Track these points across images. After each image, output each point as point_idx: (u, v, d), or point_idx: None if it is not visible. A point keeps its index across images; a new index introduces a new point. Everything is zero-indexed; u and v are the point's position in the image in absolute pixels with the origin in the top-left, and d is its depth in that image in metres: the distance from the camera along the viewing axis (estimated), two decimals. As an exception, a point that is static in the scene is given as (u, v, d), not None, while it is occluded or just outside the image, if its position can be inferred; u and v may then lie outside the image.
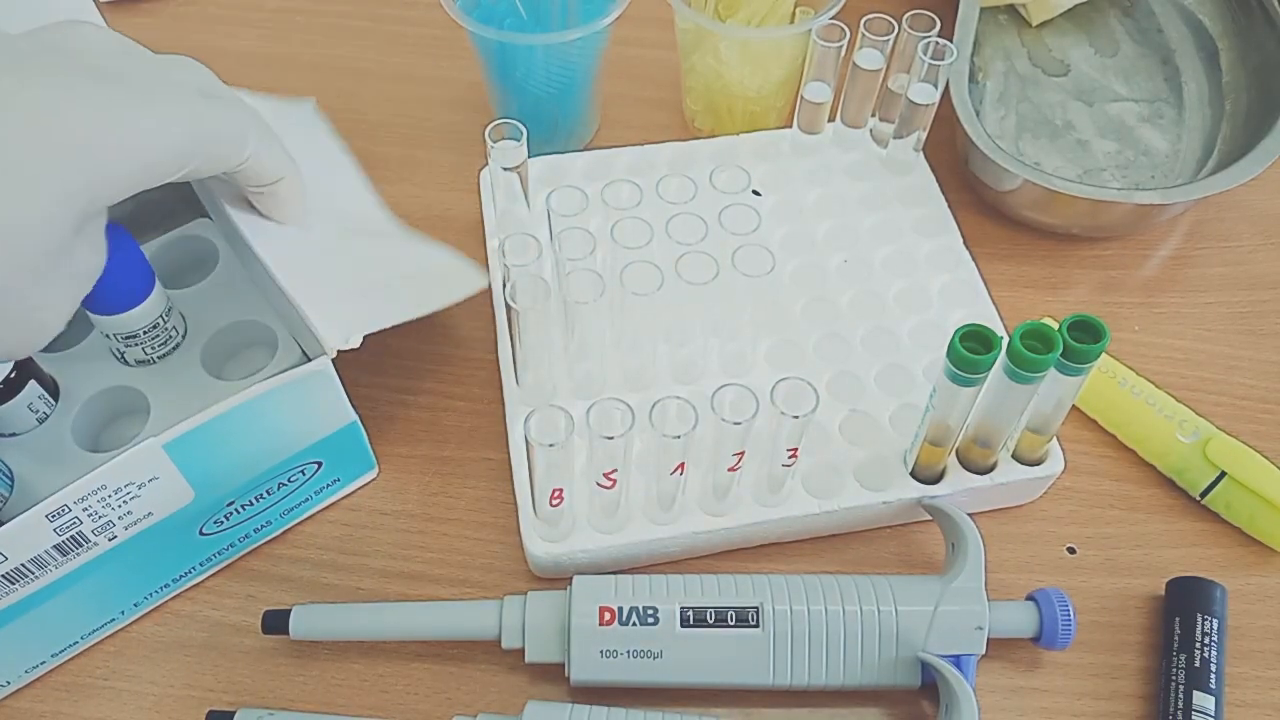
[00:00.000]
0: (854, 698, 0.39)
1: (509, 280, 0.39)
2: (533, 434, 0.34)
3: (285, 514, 0.43)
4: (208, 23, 0.64)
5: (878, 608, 0.38)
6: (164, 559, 0.39)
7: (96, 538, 0.35)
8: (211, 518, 0.39)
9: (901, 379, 0.45)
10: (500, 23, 0.53)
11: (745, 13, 0.54)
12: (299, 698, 0.39)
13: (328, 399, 0.39)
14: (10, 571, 0.34)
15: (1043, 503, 0.45)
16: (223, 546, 0.41)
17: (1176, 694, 0.38)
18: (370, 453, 0.44)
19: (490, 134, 0.44)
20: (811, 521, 0.42)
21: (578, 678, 0.37)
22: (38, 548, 0.34)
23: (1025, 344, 0.35)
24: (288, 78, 0.61)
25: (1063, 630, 0.38)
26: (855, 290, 0.48)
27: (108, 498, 0.34)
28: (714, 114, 0.56)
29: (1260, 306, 0.51)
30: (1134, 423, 0.45)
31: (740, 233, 0.42)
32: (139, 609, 0.41)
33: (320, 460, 0.41)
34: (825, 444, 0.43)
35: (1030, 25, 0.62)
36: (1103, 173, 0.55)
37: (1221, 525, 0.44)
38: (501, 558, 0.43)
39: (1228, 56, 0.58)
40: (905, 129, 0.50)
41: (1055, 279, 0.52)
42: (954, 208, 0.51)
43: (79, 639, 0.39)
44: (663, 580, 0.39)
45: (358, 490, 0.45)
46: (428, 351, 0.49)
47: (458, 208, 0.55)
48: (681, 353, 0.44)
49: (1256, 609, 0.42)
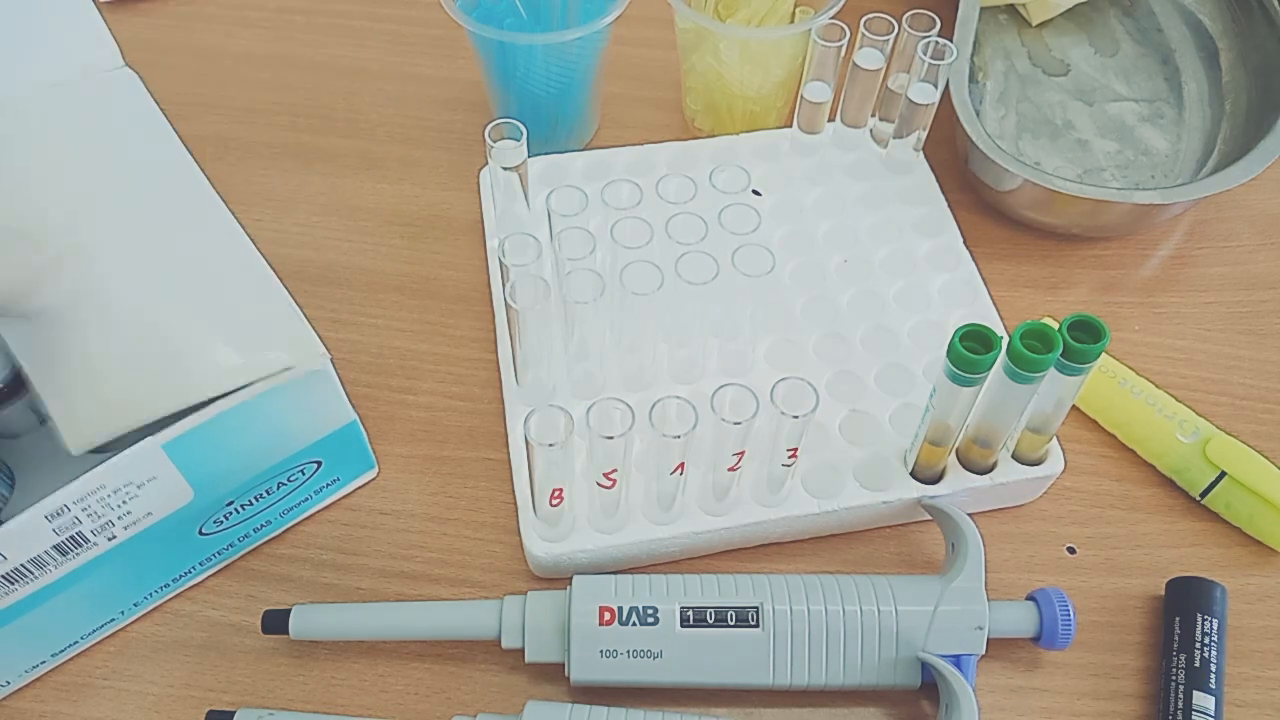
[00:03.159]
0: (854, 698, 0.39)
1: (509, 280, 0.39)
2: (533, 434, 0.34)
3: (285, 513, 0.43)
4: (207, 23, 0.64)
5: (878, 608, 0.38)
6: (163, 559, 0.39)
7: (96, 538, 0.35)
8: (211, 517, 0.39)
9: (901, 379, 0.45)
10: (500, 23, 0.53)
11: (745, 13, 0.54)
12: (299, 698, 0.39)
13: (327, 398, 0.39)
14: (10, 572, 0.34)
15: (1043, 503, 0.45)
16: (222, 546, 0.41)
17: (1176, 694, 0.38)
18: (370, 452, 0.44)
19: (490, 134, 0.44)
20: (811, 521, 0.42)
21: (578, 678, 0.37)
22: (37, 548, 0.34)
23: (1025, 344, 0.35)
24: (288, 78, 0.61)
25: (1063, 630, 0.38)
26: (855, 290, 0.48)
27: (107, 498, 0.34)
28: (714, 114, 0.56)
29: (1260, 306, 0.51)
30: (1134, 423, 0.45)
31: (740, 233, 0.42)
32: (139, 609, 0.41)
33: (320, 460, 0.41)
34: (825, 444, 0.43)
35: (1030, 25, 0.62)
36: (1103, 173, 0.55)
37: (1221, 525, 0.44)
38: (501, 558, 0.43)
39: (1228, 56, 0.58)
40: (905, 129, 0.50)
41: (1055, 279, 0.52)
42: (954, 207, 0.51)
43: (79, 639, 0.39)
44: (663, 580, 0.39)
45: (357, 490, 0.45)
46: (428, 351, 0.49)
47: (457, 207, 0.55)
48: (681, 353, 0.44)
49: (1256, 609, 0.42)
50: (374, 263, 0.52)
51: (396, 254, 0.53)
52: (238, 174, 0.43)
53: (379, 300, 0.51)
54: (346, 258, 0.53)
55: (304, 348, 0.37)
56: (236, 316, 0.37)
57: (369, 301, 0.51)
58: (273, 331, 0.37)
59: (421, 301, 0.51)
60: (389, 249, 0.53)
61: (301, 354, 0.36)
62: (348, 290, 0.51)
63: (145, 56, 0.46)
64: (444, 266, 0.52)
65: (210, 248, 0.39)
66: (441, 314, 0.51)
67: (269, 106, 0.59)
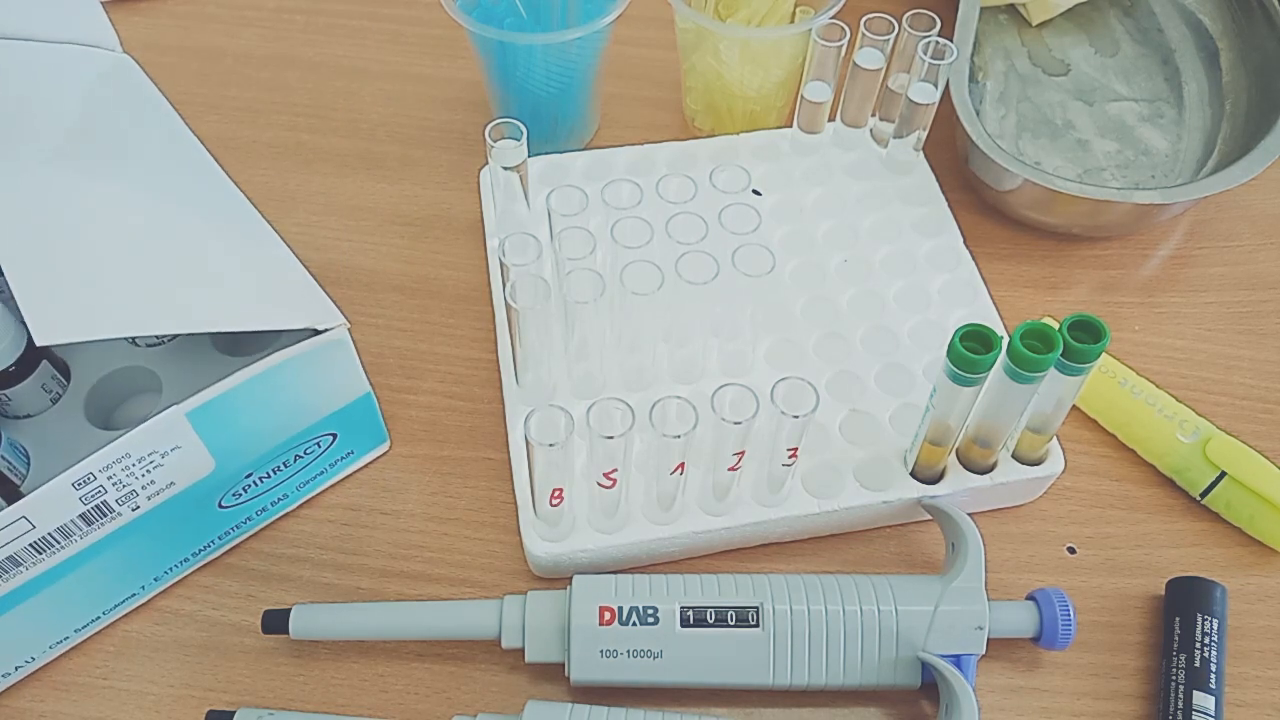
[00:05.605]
0: (854, 698, 0.39)
1: (509, 280, 0.39)
2: (533, 434, 0.34)
3: (301, 486, 0.43)
4: (207, 22, 0.64)
5: (878, 608, 0.37)
6: (184, 532, 0.40)
7: (120, 507, 0.35)
8: (230, 490, 0.39)
9: (901, 379, 0.45)
10: (500, 22, 0.53)
11: (745, 13, 0.54)
12: (299, 698, 0.39)
13: (344, 368, 0.40)
14: (38, 541, 0.34)
15: (1043, 503, 0.45)
16: (240, 520, 0.42)
17: (1176, 694, 0.38)
18: (382, 425, 0.44)
19: (490, 133, 0.44)
20: (811, 521, 0.42)
21: (578, 677, 0.37)
22: (64, 516, 0.34)
23: (1025, 344, 0.35)
24: (288, 77, 0.61)
25: (1063, 630, 0.38)
26: (855, 290, 0.48)
27: (131, 466, 0.34)
28: (714, 114, 0.56)
29: (1260, 306, 0.51)
30: (1134, 423, 0.45)
31: (740, 232, 0.42)
32: (159, 584, 0.41)
33: (335, 432, 0.42)
34: (825, 444, 0.43)
35: (1030, 25, 0.62)
36: (1103, 172, 0.55)
37: (1221, 525, 0.44)
38: (501, 558, 0.43)
39: (1228, 56, 0.58)
40: (905, 128, 0.50)
41: (1055, 279, 0.52)
42: (954, 207, 0.51)
43: (100, 614, 0.40)
44: (663, 580, 0.39)
45: (369, 464, 0.45)
46: (428, 351, 0.49)
47: (457, 207, 0.55)
48: (681, 353, 0.44)
49: (1256, 609, 0.42)
50: (374, 262, 0.52)
51: (396, 254, 0.53)
52: (238, 174, 0.43)
53: (379, 300, 0.51)
54: (346, 257, 0.53)
55: (323, 314, 0.37)
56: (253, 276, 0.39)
57: (369, 301, 0.51)
58: (291, 295, 0.38)
59: (421, 301, 0.51)
60: (389, 249, 0.53)
61: (320, 319, 0.37)
62: (348, 290, 0.51)
63: (145, 56, 0.46)
64: (444, 266, 0.52)
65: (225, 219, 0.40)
66: (441, 314, 0.51)
67: (269, 106, 0.59)
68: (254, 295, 0.38)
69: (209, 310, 0.36)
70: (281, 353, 0.36)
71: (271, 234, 0.40)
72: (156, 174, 0.41)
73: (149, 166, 0.41)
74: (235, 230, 0.40)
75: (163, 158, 0.42)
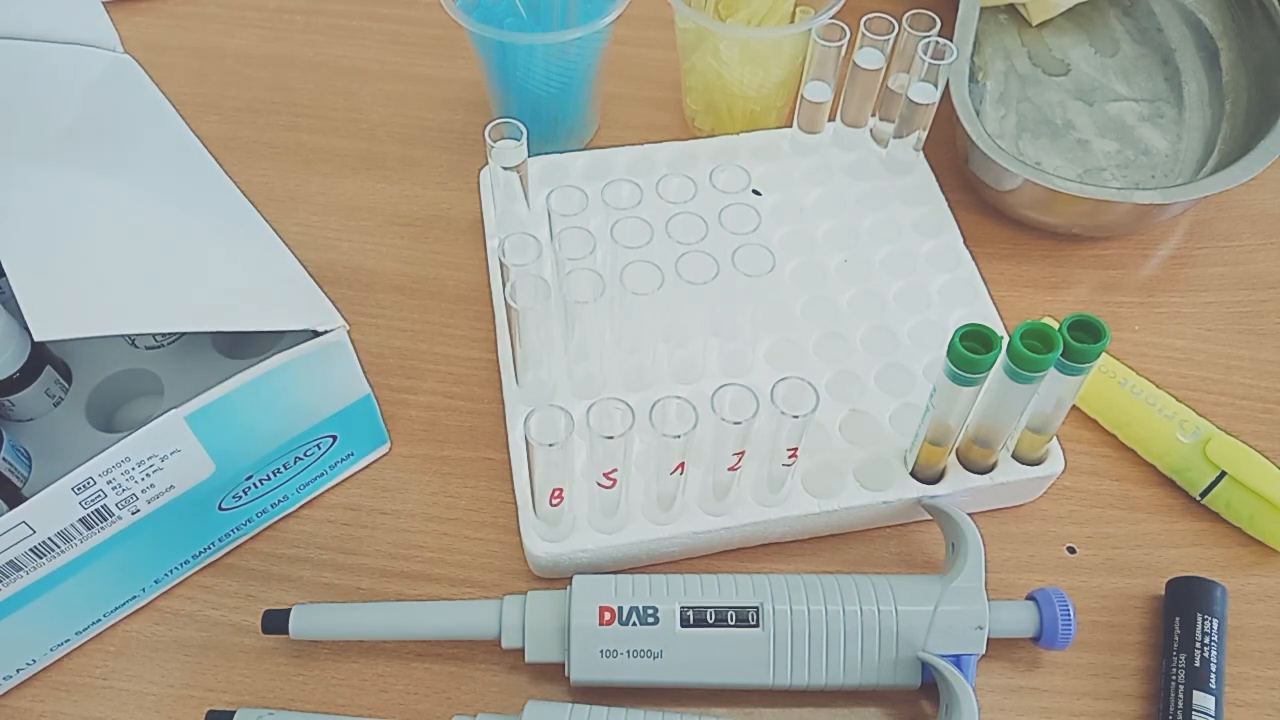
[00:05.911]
0: (854, 698, 0.39)
1: (509, 280, 0.39)
2: (533, 434, 0.34)
3: (301, 489, 0.43)
4: (207, 22, 0.64)
5: (878, 608, 0.37)
6: (184, 535, 0.40)
7: (120, 511, 0.35)
8: (230, 492, 0.39)
9: (901, 379, 0.45)
10: (500, 23, 0.53)
11: (745, 13, 0.54)
12: (299, 698, 0.39)
13: (344, 371, 0.40)
14: (38, 545, 0.34)
15: (1043, 502, 0.45)
16: (240, 522, 0.42)
17: (1176, 694, 0.38)
18: (383, 427, 0.44)
19: (490, 133, 0.44)
20: (811, 521, 0.42)
21: (578, 677, 0.37)
22: (64, 521, 0.34)
23: (1025, 344, 0.35)
24: (287, 77, 0.61)
25: (1063, 630, 0.38)
26: (855, 290, 0.48)
27: (131, 470, 0.34)
28: (714, 114, 0.56)
29: (1260, 306, 0.51)
30: (1134, 423, 0.45)
31: (740, 232, 0.42)
32: (159, 586, 0.41)
33: (335, 434, 0.42)
34: (825, 444, 0.43)
35: (1030, 25, 0.62)
36: (1103, 172, 0.55)
37: (1221, 525, 0.44)
38: (501, 558, 0.43)
39: (1228, 56, 0.58)
40: (905, 128, 0.50)
41: (1055, 279, 0.52)
42: (954, 207, 0.51)
43: (101, 616, 0.40)
44: (663, 580, 0.39)
45: (370, 464, 0.45)
46: (428, 351, 0.49)
47: (457, 207, 0.55)
48: (681, 353, 0.44)
49: (1256, 609, 0.42)
50: (374, 262, 0.52)
51: (397, 254, 0.53)
52: (238, 174, 0.43)
53: (379, 300, 0.51)
54: (346, 257, 0.53)
55: (322, 316, 0.37)
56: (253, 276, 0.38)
57: (369, 301, 0.51)
58: (291, 296, 0.38)
59: (421, 301, 0.51)
60: (389, 249, 0.53)
61: (319, 321, 0.37)
62: (348, 290, 0.51)
63: (145, 56, 0.46)
64: (444, 266, 0.52)
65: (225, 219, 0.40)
66: (441, 314, 0.51)
67: (269, 106, 0.59)
68: (253, 295, 0.38)
69: (207, 310, 0.36)
70: (281, 355, 0.36)
71: (271, 234, 0.40)
72: (157, 174, 0.41)
73: (149, 166, 0.41)
74: (235, 230, 0.40)
75: (163, 157, 0.42)
